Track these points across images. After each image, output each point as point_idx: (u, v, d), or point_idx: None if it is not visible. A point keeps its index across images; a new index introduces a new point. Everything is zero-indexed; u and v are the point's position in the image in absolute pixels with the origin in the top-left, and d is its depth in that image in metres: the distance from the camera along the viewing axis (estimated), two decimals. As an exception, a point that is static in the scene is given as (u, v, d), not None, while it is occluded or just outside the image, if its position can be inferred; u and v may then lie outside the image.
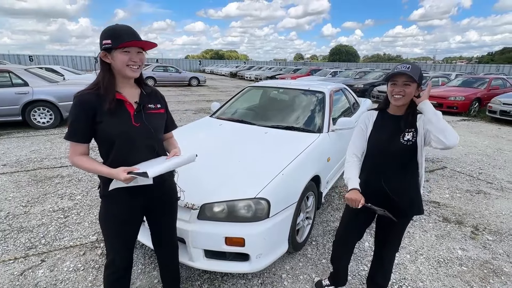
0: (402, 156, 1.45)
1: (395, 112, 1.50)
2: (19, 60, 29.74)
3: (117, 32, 1.17)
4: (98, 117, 1.20)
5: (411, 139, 1.41)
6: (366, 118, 1.60)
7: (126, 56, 1.19)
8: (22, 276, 2.02)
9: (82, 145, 1.24)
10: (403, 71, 1.34)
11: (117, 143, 1.24)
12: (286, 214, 1.96)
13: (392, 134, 1.46)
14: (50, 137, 5.56)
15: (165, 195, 1.49)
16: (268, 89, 3.72)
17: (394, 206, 1.48)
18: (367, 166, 1.58)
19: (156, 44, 1.24)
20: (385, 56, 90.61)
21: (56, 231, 2.56)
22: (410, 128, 1.42)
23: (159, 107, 1.39)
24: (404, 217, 1.54)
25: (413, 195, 1.50)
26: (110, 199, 1.33)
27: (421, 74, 1.38)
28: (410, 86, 1.37)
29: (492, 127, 7.67)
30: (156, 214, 1.50)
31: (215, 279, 2.04)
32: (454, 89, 10.07)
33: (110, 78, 1.22)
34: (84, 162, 1.23)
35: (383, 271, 1.75)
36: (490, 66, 31.22)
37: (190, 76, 17.67)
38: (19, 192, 3.27)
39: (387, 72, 13.41)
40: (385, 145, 1.47)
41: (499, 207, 3.25)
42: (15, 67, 6.61)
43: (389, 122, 1.49)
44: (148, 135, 1.30)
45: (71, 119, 1.21)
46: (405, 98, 1.39)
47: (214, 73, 32.27)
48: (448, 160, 4.84)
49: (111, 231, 1.38)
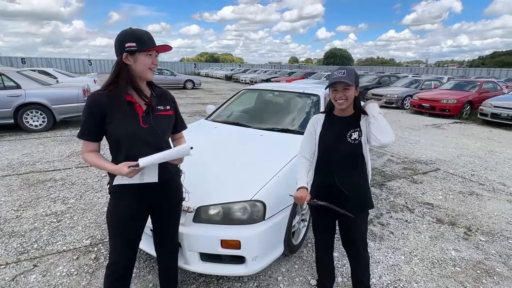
0: (351, 154, 1.55)
1: (340, 114, 1.60)
2: (11, 63, 29.34)
3: (142, 36, 1.24)
4: (107, 117, 1.26)
5: (357, 138, 1.53)
6: (315, 121, 1.69)
7: (149, 59, 1.27)
8: (14, 282, 1.98)
9: (92, 143, 1.31)
10: (340, 78, 1.45)
11: (125, 143, 1.29)
12: (281, 216, 1.97)
13: (340, 134, 1.56)
14: (42, 140, 5.49)
15: (171, 194, 1.50)
16: (263, 92, 3.74)
17: (348, 201, 1.56)
18: (320, 165, 1.65)
19: (171, 47, 1.32)
20: (379, 60, 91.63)
21: (49, 236, 2.52)
22: (355, 128, 1.54)
23: (168, 109, 1.43)
24: (359, 211, 1.60)
25: (363, 189, 1.61)
26: (117, 196, 1.36)
27: (357, 76, 1.51)
28: (349, 89, 1.48)
29: (484, 129, 7.80)
30: (160, 213, 1.51)
31: (211, 282, 2.03)
32: (446, 92, 10.23)
33: (128, 77, 1.27)
34: (92, 158, 1.30)
35: (361, 269, 1.77)
36: (481, 69, 31.73)
37: (185, 79, 17.65)
38: (10, 196, 3.21)
39: (380, 74, 13.44)
40: (334, 145, 1.57)
41: (491, 208, 3.30)
42: (7, 69, 6.53)
43: (336, 123, 1.60)
44: (155, 136, 1.33)
45: (82, 119, 1.29)
46: (347, 101, 1.51)
47: (209, 76, 32.27)
48: (441, 162, 4.91)
49: (116, 227, 1.40)
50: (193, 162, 2.20)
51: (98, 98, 1.26)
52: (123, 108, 1.25)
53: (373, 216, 3.03)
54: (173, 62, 42.67)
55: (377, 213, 3.10)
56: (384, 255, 2.41)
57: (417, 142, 6.22)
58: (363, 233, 1.69)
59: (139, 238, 1.48)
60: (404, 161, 4.91)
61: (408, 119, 9.10)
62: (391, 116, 9.49)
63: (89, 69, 32.43)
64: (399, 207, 3.27)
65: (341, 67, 1.58)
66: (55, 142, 5.36)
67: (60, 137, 5.76)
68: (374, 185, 3.85)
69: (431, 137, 6.71)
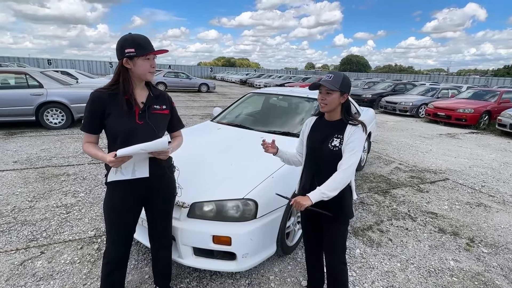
0: (330, 159, 1.52)
1: (328, 118, 1.61)
2: (38, 64, 31.00)
3: (139, 42, 1.35)
4: (106, 113, 1.37)
5: (338, 145, 1.50)
6: (306, 123, 1.72)
7: (147, 63, 1.38)
8: (22, 266, 2.12)
9: (91, 136, 1.45)
10: (324, 82, 1.47)
11: (121, 138, 1.39)
12: (274, 216, 2.01)
13: (323, 138, 1.56)
14: (60, 137, 5.77)
15: (163, 189, 1.59)
16: (268, 95, 3.81)
17: (324, 206, 1.48)
18: (305, 166, 1.68)
19: (167, 50, 1.42)
20: (397, 67, 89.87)
21: (58, 226, 2.67)
22: (338, 134, 1.52)
23: (164, 108, 1.53)
24: (335, 219, 1.54)
25: (342, 196, 1.49)
26: (113, 187, 1.46)
27: (345, 82, 1.49)
28: (332, 94, 1.48)
29: (501, 140, 7.52)
30: (153, 206, 1.60)
31: (204, 277, 2.10)
32: (464, 101, 9.94)
33: (129, 80, 1.39)
34: (90, 148, 1.43)
35: (331, 281, 1.70)
36: (505, 79, 30.57)
37: (200, 82, 18.00)
38: (26, 187, 3.42)
39: (396, 82, 13.22)
40: (317, 147, 1.57)
41: (499, 220, 3.20)
42: (31, 69, 6.93)
43: (323, 127, 1.61)
44: (149, 132, 1.42)
45: (85, 113, 1.41)
46: (328, 105, 1.51)
47: (225, 80, 32.71)
48: (451, 172, 4.79)
49: (111, 216, 1.50)
50: (192, 160, 2.30)
51: (99, 95, 1.39)
52: (121, 105, 1.37)
53: (373, 222, 3.01)
54: (191, 66, 43.66)
55: (378, 219, 3.08)
56: (379, 261, 2.39)
57: (428, 151, 6.08)
58: (336, 242, 1.61)
59: (133, 229, 1.57)
60: (412, 170, 4.83)
61: (421, 127, 8.90)
62: (404, 124, 9.31)
63: (109, 71, 33.69)
64: (401, 215, 3.23)
65: (331, 71, 1.61)
66: (72, 139, 5.63)
67: (76, 134, 6.04)
68: (378, 192, 3.82)
69: (444, 147, 6.54)
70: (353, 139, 1.47)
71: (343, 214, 1.57)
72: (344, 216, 1.58)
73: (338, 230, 1.60)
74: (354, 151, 1.45)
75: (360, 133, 1.50)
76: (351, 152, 1.45)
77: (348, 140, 1.48)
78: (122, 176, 1.39)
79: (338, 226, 1.60)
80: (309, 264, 1.91)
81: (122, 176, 1.39)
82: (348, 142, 1.48)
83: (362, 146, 1.51)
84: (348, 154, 1.46)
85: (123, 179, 1.40)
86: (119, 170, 1.38)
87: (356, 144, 1.46)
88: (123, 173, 1.39)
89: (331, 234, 1.61)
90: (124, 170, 1.39)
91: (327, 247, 1.65)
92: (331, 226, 1.59)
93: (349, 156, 1.45)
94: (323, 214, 1.49)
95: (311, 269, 1.92)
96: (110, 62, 36.06)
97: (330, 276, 1.70)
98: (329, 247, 1.64)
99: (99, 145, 1.50)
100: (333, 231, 1.61)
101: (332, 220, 1.56)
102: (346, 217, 1.59)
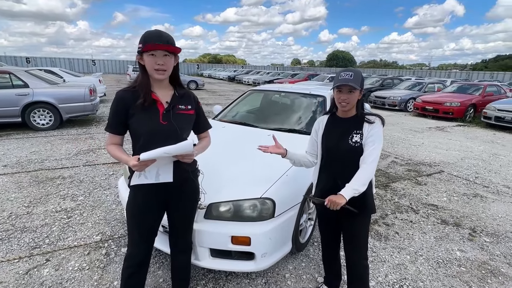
0: (351, 156, 1.52)
1: (343, 115, 1.60)
2: (16, 62, 29.60)
3: (147, 36, 1.26)
4: (130, 113, 1.34)
5: (359, 141, 1.52)
6: (318, 123, 1.71)
7: (152, 59, 1.27)
8: (27, 275, 2.03)
9: (115, 136, 1.40)
10: (347, 81, 1.45)
11: (144, 138, 1.35)
12: (290, 214, 2.00)
13: (341, 135, 1.56)
14: (49, 138, 5.55)
15: (186, 194, 1.53)
16: (269, 92, 3.78)
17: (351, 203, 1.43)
18: (324, 165, 1.67)
19: (180, 49, 1.32)
20: (382, 62, 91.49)
21: (60, 231, 2.57)
22: (357, 130, 1.53)
23: (189, 108, 1.47)
24: (358, 215, 1.51)
25: (364, 191, 1.47)
26: (137, 189, 1.42)
27: (363, 79, 1.51)
28: (354, 92, 1.49)
29: (487, 132, 7.80)
30: (175, 210, 1.54)
31: (220, 278, 2.07)
32: (450, 95, 10.25)
33: (144, 78, 1.33)
34: (113, 150, 1.39)
35: (354, 279, 1.71)
36: (484, 73, 31.70)
37: (189, 79, 17.76)
38: (21, 192, 3.27)
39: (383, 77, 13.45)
40: (335, 145, 1.57)
41: (496, 210, 3.32)
42: (15, 68, 6.61)
43: (339, 125, 1.60)
44: (173, 133, 1.37)
45: (109, 113, 1.39)
46: (350, 104, 1.52)
47: (212, 77, 32.37)
48: (445, 165, 4.93)
49: (134, 217, 1.45)
50: (203, 160, 2.25)
51: (123, 95, 1.35)
52: (145, 105, 1.31)
53: (378, 216, 3.06)
54: (176, 63, 42.80)
55: (382, 213, 3.13)
56: (389, 254, 2.43)
57: (420, 145, 6.24)
58: (359, 238, 1.62)
59: (155, 232, 1.52)
60: (408, 163, 4.94)
61: (411, 121, 9.11)
62: (394, 119, 9.51)
63: (93, 69, 32.64)
64: (404, 208, 3.29)
65: (348, 68, 1.59)
66: (62, 141, 5.42)
67: (66, 135, 5.83)
68: (378, 186, 3.88)
69: (435, 140, 6.73)
70: (373, 133, 1.49)
71: (367, 209, 1.58)
72: (368, 211, 1.59)
73: (361, 226, 1.61)
74: (376, 145, 1.48)
75: (379, 126, 1.52)
76: (372, 146, 1.48)
77: (368, 134, 1.50)
78: (145, 180, 1.34)
79: (362, 222, 1.60)
80: (326, 260, 1.91)
81: (146, 180, 1.34)
82: (368, 136, 1.50)
83: (382, 139, 1.53)
84: (370, 148, 1.48)
85: (147, 183, 1.35)
86: (143, 174, 1.33)
87: (376, 137, 1.49)
88: (146, 176, 1.34)
89: (354, 230, 1.62)
90: (148, 174, 1.34)
91: (349, 243, 1.65)
92: (354, 222, 1.59)
93: (371, 150, 1.47)
94: (351, 211, 1.48)
95: (328, 265, 1.93)
96: (92, 60, 34.92)
97: (351, 273, 1.71)
98: (352, 243, 1.64)
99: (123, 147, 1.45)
100: (356, 228, 1.61)
101: (355, 216, 1.54)
102: (369, 212, 1.60)
